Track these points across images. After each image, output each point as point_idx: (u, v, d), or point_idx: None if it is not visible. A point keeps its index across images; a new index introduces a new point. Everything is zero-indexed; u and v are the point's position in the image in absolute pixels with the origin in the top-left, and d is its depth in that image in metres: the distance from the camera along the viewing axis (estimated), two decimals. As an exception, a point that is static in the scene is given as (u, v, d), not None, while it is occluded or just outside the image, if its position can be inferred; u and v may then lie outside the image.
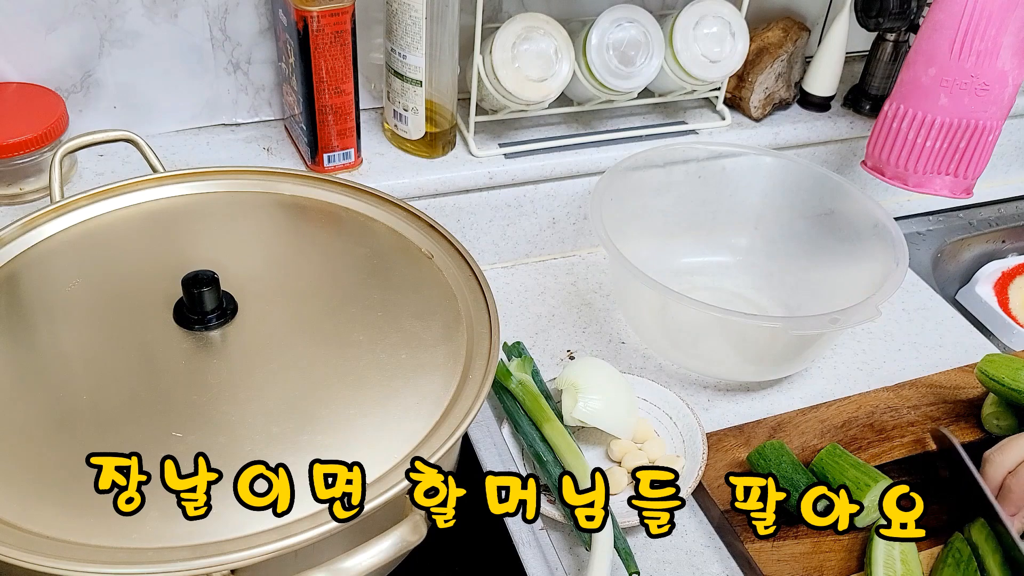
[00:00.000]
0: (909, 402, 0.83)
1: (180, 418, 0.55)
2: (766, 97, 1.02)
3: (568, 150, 0.95)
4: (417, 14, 0.82)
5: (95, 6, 0.82)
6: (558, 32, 0.87)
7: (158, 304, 0.62)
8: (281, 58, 0.88)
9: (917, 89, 0.90)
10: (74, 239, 0.68)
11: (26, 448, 0.53)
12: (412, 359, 0.61)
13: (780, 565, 0.68)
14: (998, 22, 0.85)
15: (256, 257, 0.69)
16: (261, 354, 0.60)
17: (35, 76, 0.84)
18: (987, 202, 1.17)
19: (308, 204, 0.74)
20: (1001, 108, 0.89)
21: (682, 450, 0.77)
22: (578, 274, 0.99)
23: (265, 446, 0.54)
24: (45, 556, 0.47)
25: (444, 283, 0.67)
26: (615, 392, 0.77)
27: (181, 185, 0.74)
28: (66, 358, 0.60)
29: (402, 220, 0.72)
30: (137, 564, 0.47)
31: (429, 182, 0.90)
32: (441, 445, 0.55)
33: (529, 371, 0.79)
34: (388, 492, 0.51)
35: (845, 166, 1.09)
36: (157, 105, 0.90)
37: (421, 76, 0.86)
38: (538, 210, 0.97)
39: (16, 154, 0.79)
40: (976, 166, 0.92)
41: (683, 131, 1.00)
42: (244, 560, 0.48)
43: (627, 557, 0.67)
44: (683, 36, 0.91)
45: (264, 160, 0.90)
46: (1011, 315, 1.04)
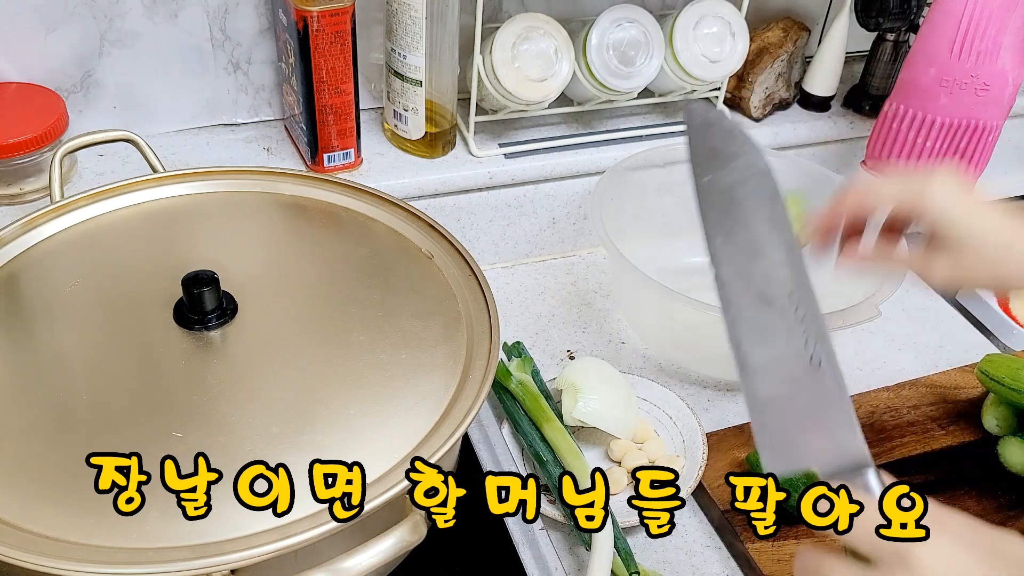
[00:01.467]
0: (909, 402, 0.83)
1: (180, 418, 0.55)
2: (766, 97, 1.02)
3: (568, 150, 0.95)
4: (417, 14, 0.82)
5: (95, 6, 0.82)
6: (558, 32, 0.87)
7: (158, 304, 0.62)
8: (281, 58, 0.88)
9: (917, 89, 0.90)
10: (74, 239, 0.68)
11: (26, 448, 0.53)
12: (412, 359, 0.61)
13: (780, 565, 0.68)
14: (998, 22, 0.85)
15: (256, 257, 0.69)
16: (261, 354, 0.60)
17: (35, 76, 0.84)
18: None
19: (308, 204, 0.74)
20: (1001, 108, 0.89)
21: (682, 450, 0.77)
22: (578, 274, 0.99)
23: (265, 446, 0.54)
24: (45, 556, 0.47)
25: (444, 283, 0.67)
26: (615, 392, 0.77)
27: (181, 185, 0.74)
28: (66, 358, 0.60)
29: (402, 220, 0.72)
30: (137, 564, 0.47)
31: (429, 182, 0.90)
32: (441, 445, 0.55)
33: (529, 371, 0.79)
34: (388, 492, 0.51)
35: (845, 166, 1.09)
36: (157, 105, 0.90)
37: (421, 76, 0.86)
38: (538, 210, 0.97)
39: (16, 154, 0.79)
40: (976, 166, 0.92)
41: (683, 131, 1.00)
42: (244, 560, 0.48)
43: (627, 557, 0.67)
44: (683, 36, 0.91)
45: (264, 160, 0.90)
46: (1011, 315, 1.04)
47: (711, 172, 0.54)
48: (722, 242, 0.52)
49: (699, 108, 0.58)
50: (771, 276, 0.50)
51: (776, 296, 0.50)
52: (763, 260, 0.51)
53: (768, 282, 0.50)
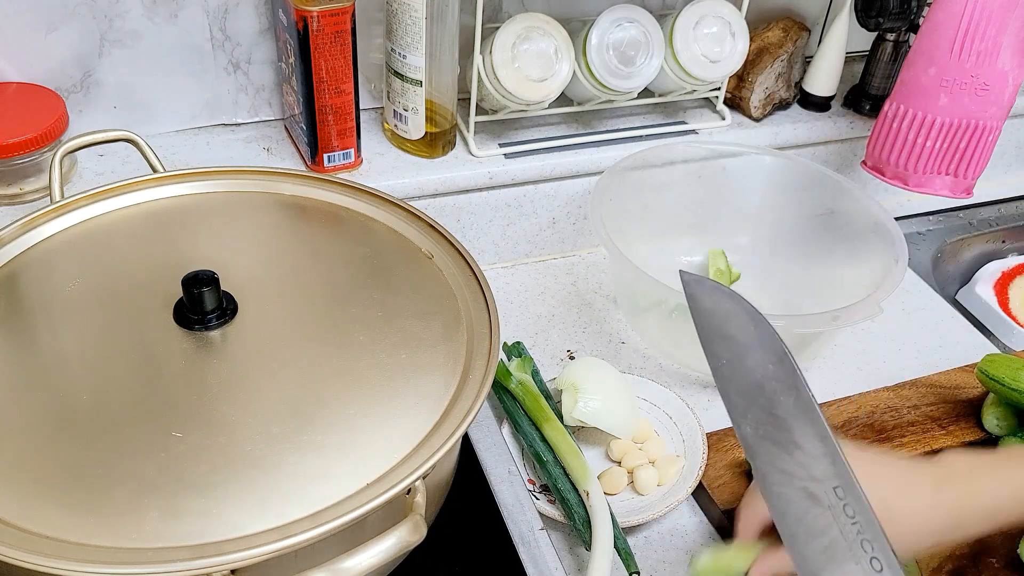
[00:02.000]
0: (909, 402, 0.83)
1: (180, 418, 0.55)
2: (766, 97, 1.02)
3: (568, 150, 0.95)
4: (417, 14, 0.82)
5: (95, 6, 0.82)
6: (558, 32, 0.87)
7: (158, 304, 0.62)
8: (281, 58, 0.88)
9: (917, 89, 0.90)
10: (74, 239, 0.68)
11: (26, 448, 0.53)
12: (412, 359, 0.61)
13: (780, 565, 0.69)
14: (998, 22, 0.85)
15: (256, 257, 0.69)
16: (261, 354, 0.60)
17: (35, 76, 0.84)
18: (987, 202, 1.17)
19: (308, 204, 0.74)
20: (1001, 108, 0.89)
21: (682, 450, 0.77)
22: (578, 274, 0.99)
23: (265, 446, 0.54)
24: (45, 556, 0.47)
25: (444, 283, 0.67)
26: (615, 392, 0.77)
27: (181, 185, 0.73)
28: (66, 358, 0.60)
29: (402, 220, 0.72)
30: (137, 564, 0.47)
31: (429, 182, 0.90)
32: (441, 445, 0.54)
33: (529, 371, 0.79)
34: (388, 492, 0.51)
35: (845, 166, 1.09)
36: (157, 105, 0.90)
37: (421, 76, 0.86)
38: (538, 210, 0.97)
39: (16, 154, 0.79)
40: (976, 166, 0.92)
41: (683, 131, 1.00)
42: (244, 560, 0.48)
43: (627, 557, 0.67)
44: (683, 36, 0.91)
45: (264, 160, 0.90)
46: (1011, 315, 1.04)
47: (726, 357, 0.53)
48: (751, 432, 0.51)
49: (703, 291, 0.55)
50: (811, 471, 0.49)
51: (822, 493, 0.49)
52: (799, 453, 0.50)
53: (810, 477, 0.49)
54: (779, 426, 0.51)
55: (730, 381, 0.53)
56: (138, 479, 0.52)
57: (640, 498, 0.74)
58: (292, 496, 0.52)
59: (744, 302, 0.54)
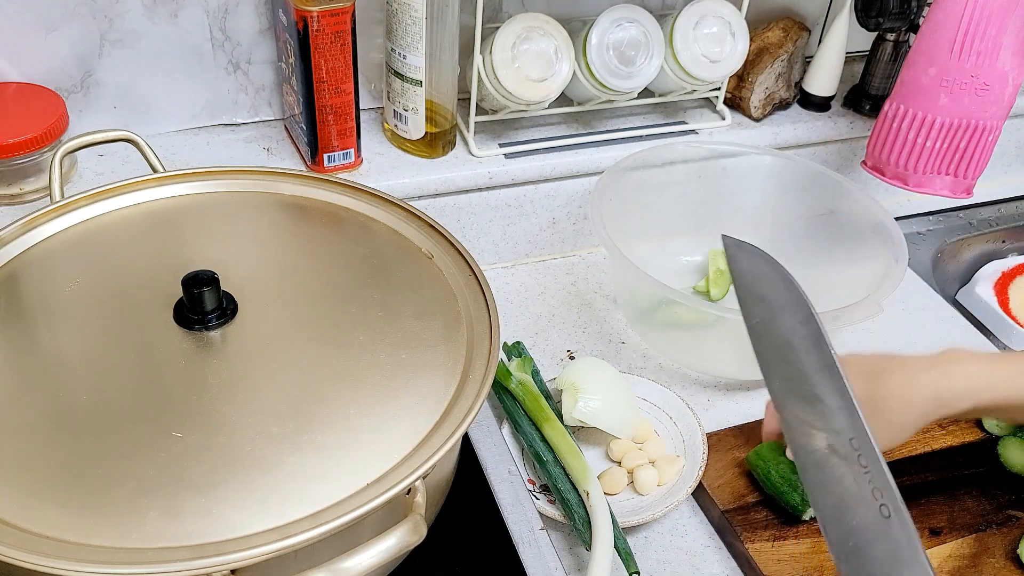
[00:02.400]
0: (909, 402, 0.83)
1: (180, 418, 0.55)
2: (766, 97, 1.02)
3: (568, 150, 0.95)
4: (417, 14, 0.82)
5: (95, 6, 0.82)
6: (558, 32, 0.87)
7: (158, 304, 0.62)
8: (281, 58, 0.88)
9: (917, 89, 0.90)
10: (74, 239, 0.68)
11: (26, 448, 0.53)
12: (412, 359, 0.61)
13: (780, 565, 0.68)
14: (998, 22, 0.85)
15: (256, 257, 0.69)
16: (261, 354, 0.60)
17: (35, 76, 0.84)
18: (987, 202, 1.17)
19: (308, 204, 0.74)
20: (1001, 108, 0.89)
21: (682, 450, 0.77)
22: (578, 274, 0.99)
23: (265, 446, 0.54)
24: (45, 556, 0.47)
25: (444, 283, 0.67)
26: (615, 392, 0.77)
27: (181, 185, 0.73)
28: (66, 358, 0.60)
29: (402, 220, 0.72)
30: (137, 564, 0.47)
31: (429, 182, 0.90)
32: (441, 445, 0.54)
33: (529, 371, 0.79)
34: (388, 492, 0.51)
35: (845, 166, 1.09)
36: (157, 105, 0.90)
37: (421, 76, 0.86)
38: (538, 210, 0.97)
39: (16, 154, 0.79)
40: (976, 166, 0.92)
41: (683, 131, 1.00)
42: (244, 560, 0.48)
43: (627, 557, 0.67)
44: (683, 36, 0.91)
45: (264, 160, 0.90)
46: (1011, 315, 1.04)
47: (759, 316, 0.58)
48: (779, 386, 0.56)
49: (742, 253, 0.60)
50: (831, 423, 0.54)
51: (839, 444, 0.53)
52: (820, 406, 0.54)
53: (830, 429, 0.54)
54: (804, 381, 0.55)
55: (763, 339, 0.57)
56: (138, 479, 0.52)
57: (640, 498, 0.74)
58: (292, 496, 0.52)
59: (778, 266, 0.58)
